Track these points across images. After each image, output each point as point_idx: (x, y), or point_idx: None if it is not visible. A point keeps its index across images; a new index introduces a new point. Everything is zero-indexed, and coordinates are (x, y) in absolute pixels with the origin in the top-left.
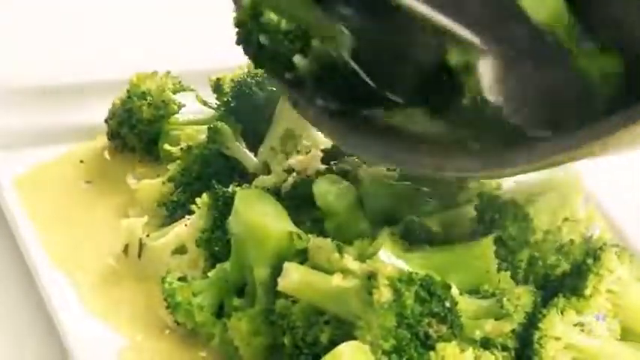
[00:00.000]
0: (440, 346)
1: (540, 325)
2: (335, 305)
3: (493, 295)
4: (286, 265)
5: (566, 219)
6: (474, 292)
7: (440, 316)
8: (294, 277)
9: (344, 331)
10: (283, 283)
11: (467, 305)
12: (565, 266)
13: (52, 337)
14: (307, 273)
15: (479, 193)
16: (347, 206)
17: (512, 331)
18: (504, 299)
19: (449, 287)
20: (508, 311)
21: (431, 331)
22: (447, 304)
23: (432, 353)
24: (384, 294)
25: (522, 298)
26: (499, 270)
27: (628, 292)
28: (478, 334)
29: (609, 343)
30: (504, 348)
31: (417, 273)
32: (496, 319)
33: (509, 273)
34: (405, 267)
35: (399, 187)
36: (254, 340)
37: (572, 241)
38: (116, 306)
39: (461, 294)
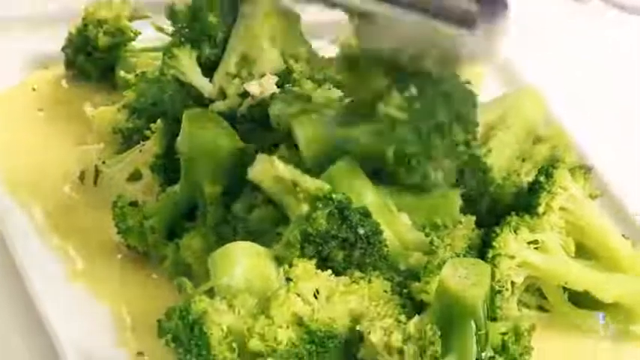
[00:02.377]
0: (295, 261)
1: (494, 243)
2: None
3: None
4: (259, 155)
5: (524, 159)
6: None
7: (349, 242)
8: (263, 168)
9: None
10: (253, 173)
11: (406, 236)
12: None
13: (6, 262)
14: (279, 169)
15: None
16: None
17: (438, 264)
18: (434, 236)
19: (367, 214)
20: (436, 248)
21: (339, 254)
22: (360, 231)
23: (284, 268)
24: (300, 208)
25: (456, 240)
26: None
27: (582, 209)
28: (402, 265)
29: (563, 260)
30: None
31: (339, 194)
32: (425, 254)
33: (481, 231)
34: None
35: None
36: (206, 258)
37: (530, 184)
38: (71, 233)
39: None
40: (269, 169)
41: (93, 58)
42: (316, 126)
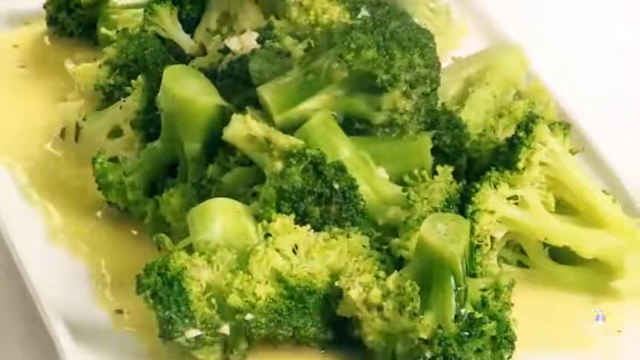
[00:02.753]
0: (274, 217)
1: (473, 198)
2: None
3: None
4: (234, 116)
5: (500, 116)
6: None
7: (325, 197)
8: (238, 127)
9: None
10: (228, 133)
11: (384, 191)
12: None
13: None
14: (252, 127)
15: None
16: None
17: (417, 220)
18: (411, 190)
19: (342, 169)
20: (413, 202)
21: (316, 210)
22: (335, 186)
23: (262, 224)
24: (275, 165)
25: (433, 193)
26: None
27: (562, 165)
28: (380, 220)
29: (543, 216)
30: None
31: (313, 149)
32: (402, 208)
33: (460, 185)
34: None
35: None
36: (185, 215)
37: (509, 139)
38: (52, 189)
39: (390, 179)
40: (243, 129)
41: (75, 14)
42: (284, 91)
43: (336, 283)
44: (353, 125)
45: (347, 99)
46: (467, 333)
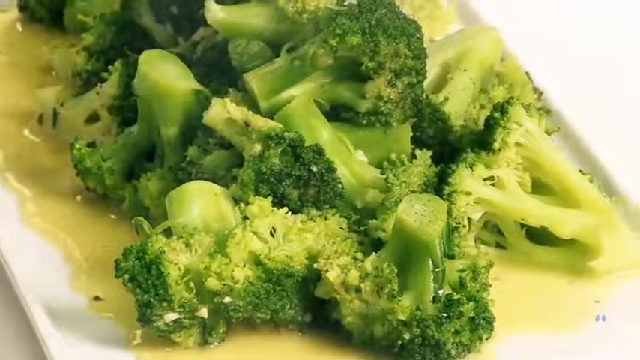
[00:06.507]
0: (252, 200)
1: (450, 180)
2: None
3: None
4: (214, 99)
5: (482, 106)
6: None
7: (303, 180)
8: (217, 111)
9: None
10: (207, 117)
11: (363, 174)
12: None
13: None
14: (230, 110)
15: None
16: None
17: (395, 201)
18: (390, 173)
19: (320, 152)
20: (391, 185)
21: (294, 193)
22: (313, 169)
23: (240, 207)
24: (254, 148)
25: (412, 177)
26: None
27: (538, 145)
28: (359, 203)
29: (520, 196)
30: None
31: (292, 132)
32: (381, 191)
33: (438, 169)
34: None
35: None
36: (163, 200)
37: (485, 120)
38: (30, 175)
39: (370, 162)
40: (223, 112)
41: (45, 0)
42: (270, 78)
43: (314, 265)
44: (339, 113)
45: (333, 86)
46: (445, 314)
